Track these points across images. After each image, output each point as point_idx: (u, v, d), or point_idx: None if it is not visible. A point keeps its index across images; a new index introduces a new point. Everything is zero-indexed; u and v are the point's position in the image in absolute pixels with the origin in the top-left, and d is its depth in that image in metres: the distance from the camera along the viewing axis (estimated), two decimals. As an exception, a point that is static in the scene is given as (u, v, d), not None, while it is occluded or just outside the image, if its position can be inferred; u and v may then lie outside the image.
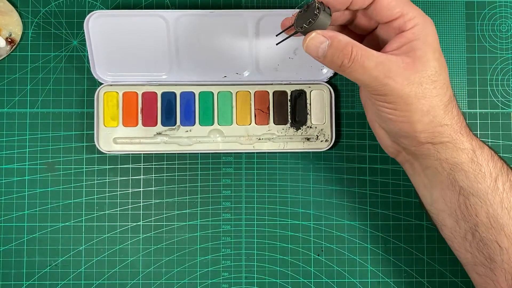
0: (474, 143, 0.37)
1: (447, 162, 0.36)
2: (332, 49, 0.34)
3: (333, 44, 0.34)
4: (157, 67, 0.45)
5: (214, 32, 0.44)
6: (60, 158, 0.46)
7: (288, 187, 0.46)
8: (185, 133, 0.46)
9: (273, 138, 0.46)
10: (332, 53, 0.34)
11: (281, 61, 0.45)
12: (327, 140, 0.46)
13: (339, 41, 0.34)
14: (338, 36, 0.34)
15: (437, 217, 0.39)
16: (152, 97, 0.46)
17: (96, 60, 0.45)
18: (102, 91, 0.45)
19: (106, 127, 0.45)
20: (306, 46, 0.35)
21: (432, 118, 0.35)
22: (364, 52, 0.34)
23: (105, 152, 0.45)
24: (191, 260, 0.46)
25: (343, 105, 0.47)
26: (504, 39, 0.47)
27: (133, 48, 0.44)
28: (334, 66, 0.35)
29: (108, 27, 0.43)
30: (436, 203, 0.38)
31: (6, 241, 0.45)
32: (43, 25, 0.46)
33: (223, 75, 0.45)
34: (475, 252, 0.37)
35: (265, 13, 0.43)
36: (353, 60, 0.34)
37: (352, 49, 0.34)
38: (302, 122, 0.46)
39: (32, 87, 0.46)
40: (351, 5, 0.35)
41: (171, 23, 0.43)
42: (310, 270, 0.46)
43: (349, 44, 0.34)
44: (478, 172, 0.36)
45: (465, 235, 0.37)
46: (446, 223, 0.38)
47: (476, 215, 0.36)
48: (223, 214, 0.46)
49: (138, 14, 0.43)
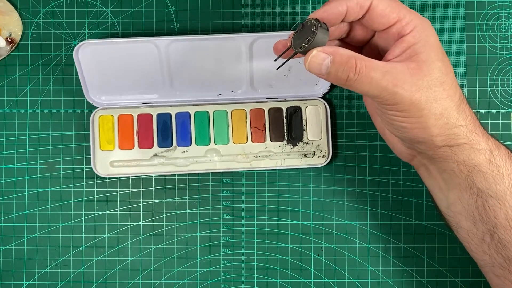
0: (490, 143, 0.36)
1: (465, 164, 0.36)
2: (335, 64, 0.33)
3: (336, 59, 0.33)
4: (151, 89, 0.45)
5: (207, 55, 0.43)
6: (60, 158, 0.46)
7: (288, 187, 0.46)
8: (182, 154, 0.45)
9: (270, 156, 0.46)
10: (336, 69, 0.33)
11: (275, 78, 0.45)
12: (324, 156, 0.46)
13: (341, 55, 0.33)
14: (339, 50, 0.33)
15: (453, 219, 0.38)
16: (148, 118, 0.46)
17: (89, 86, 0.44)
18: (97, 115, 0.45)
19: (102, 151, 0.45)
20: (308, 65, 0.34)
21: (446, 120, 0.35)
22: (368, 63, 0.33)
23: (102, 175, 0.45)
24: (191, 260, 0.46)
25: (343, 105, 0.47)
26: (504, 39, 0.47)
27: (125, 72, 0.44)
28: (340, 81, 0.34)
29: (98, 55, 0.43)
30: (453, 206, 0.38)
31: (6, 241, 0.45)
32: (43, 25, 0.46)
33: (217, 94, 0.45)
34: (493, 254, 0.37)
35: (258, 36, 0.43)
36: (358, 72, 0.33)
37: (356, 62, 0.33)
38: (299, 138, 0.46)
39: (32, 87, 0.46)
40: (346, 17, 0.35)
41: (162, 49, 0.43)
42: (310, 270, 0.46)
43: (352, 57, 0.33)
44: (497, 173, 0.36)
45: (483, 237, 0.37)
46: (462, 226, 0.38)
47: (494, 217, 0.36)
48: (223, 214, 0.46)
49: (128, 42, 0.43)
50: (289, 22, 0.47)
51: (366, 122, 0.46)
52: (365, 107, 0.46)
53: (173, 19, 0.47)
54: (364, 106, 0.46)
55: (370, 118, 0.43)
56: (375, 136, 0.46)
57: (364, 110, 0.46)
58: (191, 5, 0.47)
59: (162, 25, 0.47)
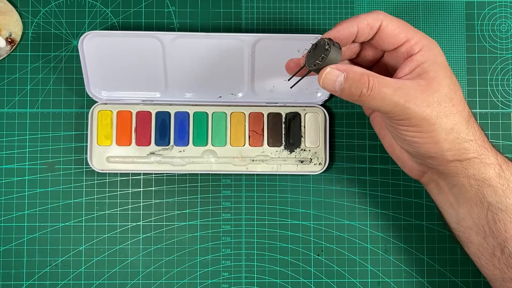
0: (499, 158, 0.37)
1: (475, 178, 0.36)
2: (349, 81, 0.34)
3: (349, 76, 0.34)
4: (152, 86, 0.45)
5: (209, 54, 0.43)
6: (60, 158, 0.46)
7: (288, 187, 0.46)
8: (179, 153, 0.45)
9: (266, 160, 0.46)
10: (349, 85, 0.34)
11: (276, 83, 0.45)
12: (321, 164, 0.46)
13: (354, 72, 0.34)
14: (353, 67, 0.35)
15: (464, 235, 0.39)
16: (146, 116, 0.46)
17: (91, 79, 0.44)
18: (96, 110, 0.45)
19: (99, 146, 0.45)
20: (322, 81, 0.35)
21: (456, 135, 0.35)
22: (380, 79, 0.34)
23: (98, 170, 0.45)
24: (191, 260, 0.46)
25: (343, 105, 0.47)
26: (504, 39, 0.47)
27: (128, 68, 0.44)
28: (353, 97, 0.35)
29: (102, 47, 0.43)
30: (463, 221, 0.38)
31: (6, 241, 0.45)
32: (43, 25, 0.46)
33: (218, 96, 0.45)
34: (503, 268, 0.37)
35: (261, 37, 0.43)
36: (371, 88, 0.34)
37: (369, 78, 0.34)
38: (296, 144, 0.46)
39: (32, 87, 0.46)
40: (357, 38, 0.36)
41: (166, 45, 0.43)
42: (310, 270, 0.46)
43: (365, 74, 0.34)
44: (506, 187, 0.36)
45: (493, 252, 0.37)
46: (473, 240, 0.38)
47: (505, 231, 0.36)
48: (223, 214, 0.46)
49: (133, 35, 0.43)
50: (289, 22, 0.47)
51: (366, 122, 0.46)
52: (365, 107, 0.46)
53: (173, 19, 0.47)
54: (364, 106, 0.46)
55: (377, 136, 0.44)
56: (375, 136, 0.46)
57: (364, 110, 0.46)
58: (191, 5, 0.47)
59: (162, 25, 0.47)
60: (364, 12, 0.46)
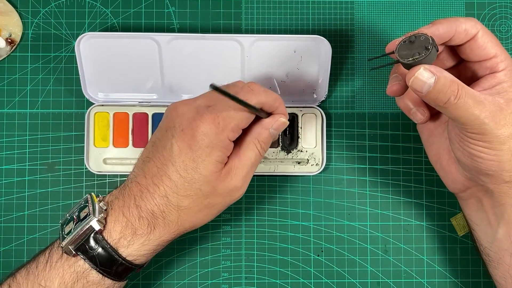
0: None
1: None
2: (439, 85, 0.33)
3: (440, 81, 0.33)
4: (148, 88, 0.45)
5: (206, 55, 0.43)
6: (60, 159, 0.46)
7: (288, 187, 0.46)
8: None
9: (263, 161, 0.45)
10: (438, 90, 0.34)
11: (273, 84, 0.45)
12: (318, 164, 0.45)
13: (446, 78, 0.34)
14: (444, 73, 0.34)
15: (496, 255, 0.38)
16: (143, 118, 0.46)
17: (88, 81, 0.44)
18: (93, 111, 0.45)
19: (96, 148, 0.45)
20: (412, 81, 0.34)
21: None
22: (467, 90, 0.34)
23: (95, 172, 0.45)
24: (191, 260, 0.46)
25: (343, 105, 0.47)
26: (504, 39, 0.47)
27: (125, 69, 0.44)
28: (437, 102, 0.34)
29: (99, 49, 0.43)
30: (499, 242, 0.38)
31: (6, 242, 0.45)
32: (43, 26, 0.46)
33: None
34: None
35: (257, 38, 0.43)
36: (458, 97, 0.33)
37: (458, 86, 0.34)
38: (293, 145, 0.46)
39: (32, 87, 0.46)
40: (450, 40, 0.35)
41: (163, 46, 0.43)
42: (310, 271, 0.46)
43: (455, 81, 0.34)
44: None
45: None
46: (505, 262, 0.38)
47: None
48: (223, 215, 0.46)
49: (130, 37, 0.43)
50: (289, 22, 0.47)
51: (366, 123, 0.46)
52: (365, 107, 0.46)
53: (173, 20, 0.47)
54: (364, 107, 0.46)
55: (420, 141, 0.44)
56: (375, 136, 0.46)
57: (364, 111, 0.46)
58: (191, 5, 0.47)
59: (162, 26, 0.47)
60: (363, 13, 0.47)
